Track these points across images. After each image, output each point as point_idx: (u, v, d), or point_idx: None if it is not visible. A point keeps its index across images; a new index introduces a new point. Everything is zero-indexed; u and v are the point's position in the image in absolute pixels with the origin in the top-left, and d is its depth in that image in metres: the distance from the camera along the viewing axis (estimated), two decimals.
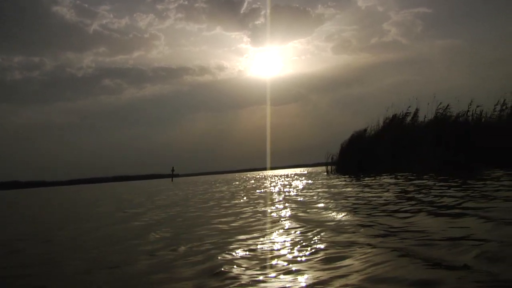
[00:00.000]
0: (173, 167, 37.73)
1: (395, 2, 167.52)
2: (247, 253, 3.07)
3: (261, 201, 8.09)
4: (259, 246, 3.29)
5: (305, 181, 15.34)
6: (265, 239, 3.62)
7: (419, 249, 2.66)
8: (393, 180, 10.65)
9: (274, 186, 13.90)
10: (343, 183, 11.76)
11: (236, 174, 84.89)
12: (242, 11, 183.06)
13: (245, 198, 9.37)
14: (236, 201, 8.51)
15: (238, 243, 3.52)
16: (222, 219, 5.42)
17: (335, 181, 12.90)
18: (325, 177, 17.76)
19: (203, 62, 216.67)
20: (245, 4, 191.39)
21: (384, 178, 11.58)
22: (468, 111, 13.09)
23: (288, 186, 12.87)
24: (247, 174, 72.29)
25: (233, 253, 3.07)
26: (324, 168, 21.26)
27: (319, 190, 9.65)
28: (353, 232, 3.51)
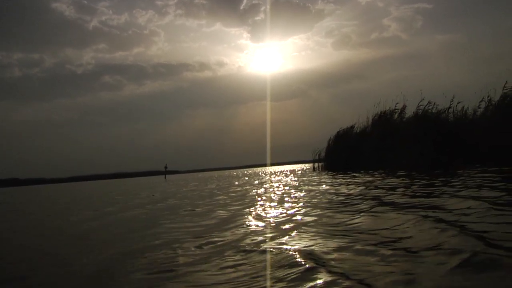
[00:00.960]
0: (166, 165, 37.71)
1: None
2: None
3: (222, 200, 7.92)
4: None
5: (288, 178, 15.17)
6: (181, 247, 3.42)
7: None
8: (370, 178, 10.49)
9: (259, 184, 13.71)
10: (323, 180, 11.60)
11: (235, 171, 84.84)
12: (242, 7, 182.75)
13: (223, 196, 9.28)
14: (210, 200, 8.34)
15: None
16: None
17: (315, 178, 12.75)
18: (310, 174, 17.59)
19: (203, 58, 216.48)
20: (245, 0, 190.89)
21: (365, 176, 11.40)
22: (449, 107, 12.85)
23: (268, 183, 12.71)
24: (246, 170, 72.26)
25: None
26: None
27: (293, 188, 9.48)
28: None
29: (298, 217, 4.31)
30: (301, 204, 5.69)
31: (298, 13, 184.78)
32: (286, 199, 6.84)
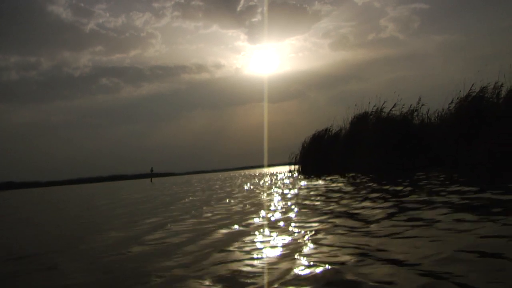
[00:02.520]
0: (151, 167, 37.60)
1: None
2: None
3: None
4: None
5: (262, 180, 15.12)
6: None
7: None
8: (322, 182, 10.46)
9: (237, 187, 13.64)
10: (284, 182, 11.56)
11: (232, 172, 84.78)
12: (238, 9, 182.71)
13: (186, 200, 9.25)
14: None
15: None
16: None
17: (281, 182, 12.72)
18: (283, 177, 17.52)
19: (200, 60, 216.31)
20: (242, 2, 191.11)
21: (323, 180, 11.36)
22: (413, 110, 12.74)
23: (241, 186, 12.65)
24: (243, 172, 72.22)
25: None
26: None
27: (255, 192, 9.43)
28: None
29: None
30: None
31: (295, 14, 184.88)
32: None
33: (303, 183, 11.98)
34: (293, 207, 5.78)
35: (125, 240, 4.24)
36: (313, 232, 3.56)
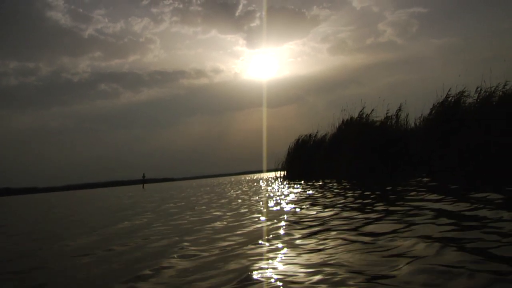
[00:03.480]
0: (143, 174, 37.43)
1: (390, 2, 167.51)
2: None
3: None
4: None
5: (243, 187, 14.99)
6: None
7: None
8: (297, 190, 10.34)
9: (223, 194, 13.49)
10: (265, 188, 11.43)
11: (232, 177, 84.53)
12: (237, 14, 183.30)
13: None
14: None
15: None
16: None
17: (261, 188, 12.60)
18: (266, 184, 17.38)
19: (199, 65, 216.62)
20: (240, 7, 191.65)
21: (302, 184, 11.22)
22: (390, 116, 12.63)
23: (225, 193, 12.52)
24: (244, 177, 72.08)
25: None
26: None
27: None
28: None
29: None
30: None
31: (294, 19, 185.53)
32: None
33: (276, 188, 11.84)
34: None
35: None
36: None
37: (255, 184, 19.70)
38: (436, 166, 9.87)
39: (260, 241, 3.41)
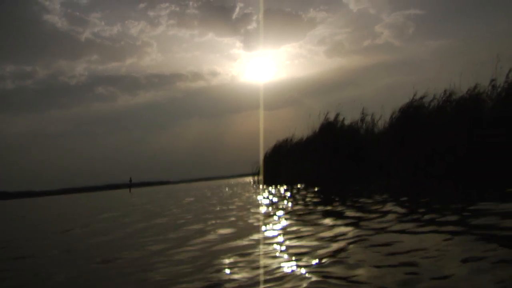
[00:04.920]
0: (130, 178, 37.40)
1: (386, 4, 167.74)
2: None
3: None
4: None
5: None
6: None
7: None
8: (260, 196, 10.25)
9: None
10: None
11: (228, 180, 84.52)
12: (234, 17, 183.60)
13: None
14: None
15: None
16: None
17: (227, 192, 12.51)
18: (243, 188, 17.31)
19: (196, 68, 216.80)
20: (237, 9, 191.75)
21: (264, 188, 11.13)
22: (356, 121, 12.50)
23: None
24: (243, 179, 72.19)
25: None
26: None
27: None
28: None
29: None
30: None
31: (290, 22, 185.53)
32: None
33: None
34: None
35: None
36: None
37: (225, 190, 19.64)
38: (392, 171, 9.77)
39: None
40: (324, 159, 12.17)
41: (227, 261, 2.89)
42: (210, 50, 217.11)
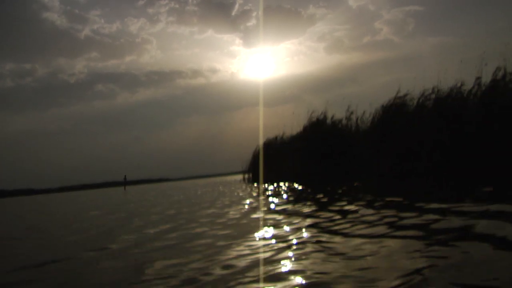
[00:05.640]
0: (125, 176, 37.39)
1: (386, 1, 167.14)
2: None
3: None
4: None
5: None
6: None
7: None
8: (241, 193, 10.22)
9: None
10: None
11: (228, 177, 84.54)
12: (233, 13, 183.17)
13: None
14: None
15: None
16: None
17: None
18: (232, 186, 17.29)
19: (196, 65, 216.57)
20: (237, 6, 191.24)
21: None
22: (340, 118, 12.45)
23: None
24: (236, 177, 72.32)
25: None
26: None
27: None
28: None
29: None
30: None
31: (290, 18, 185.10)
32: None
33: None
34: None
35: None
36: None
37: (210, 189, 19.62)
38: (374, 170, 9.73)
39: None
40: (308, 158, 12.13)
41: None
42: (210, 47, 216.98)
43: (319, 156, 11.95)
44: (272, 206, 6.39)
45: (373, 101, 12.32)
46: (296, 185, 11.80)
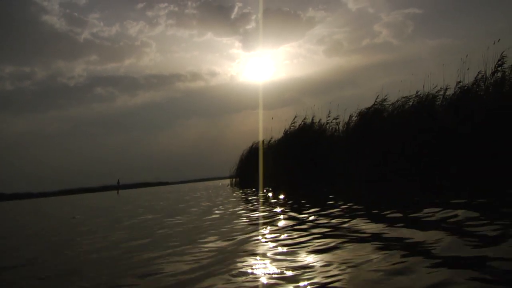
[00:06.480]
0: (118, 180, 37.39)
1: (385, 3, 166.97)
2: None
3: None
4: None
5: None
6: None
7: None
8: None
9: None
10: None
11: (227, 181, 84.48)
12: (233, 16, 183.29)
13: None
14: None
15: None
16: None
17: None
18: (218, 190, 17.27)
19: (195, 68, 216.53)
20: (236, 9, 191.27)
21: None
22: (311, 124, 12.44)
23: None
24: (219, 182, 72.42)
25: None
26: None
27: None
28: None
29: None
30: None
31: (289, 21, 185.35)
32: None
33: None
34: None
35: None
36: None
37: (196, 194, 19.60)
38: (350, 175, 9.78)
39: None
40: (288, 163, 12.17)
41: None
42: (209, 50, 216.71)
43: (299, 162, 11.99)
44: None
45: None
46: (277, 191, 11.82)
